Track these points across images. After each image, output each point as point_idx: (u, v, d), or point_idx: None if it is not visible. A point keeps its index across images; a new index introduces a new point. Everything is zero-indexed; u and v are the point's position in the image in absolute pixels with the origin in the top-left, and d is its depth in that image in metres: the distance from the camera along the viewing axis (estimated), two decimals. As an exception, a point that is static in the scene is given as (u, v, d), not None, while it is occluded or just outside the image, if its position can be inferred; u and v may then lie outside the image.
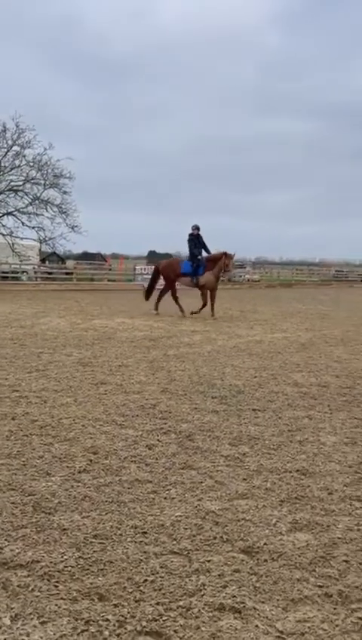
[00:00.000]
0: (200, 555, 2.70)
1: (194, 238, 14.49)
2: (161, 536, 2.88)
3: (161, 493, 3.42)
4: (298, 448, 4.30)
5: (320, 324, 13.18)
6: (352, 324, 13.26)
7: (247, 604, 2.32)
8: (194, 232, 14.46)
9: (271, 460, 4.02)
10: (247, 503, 3.30)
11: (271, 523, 3.06)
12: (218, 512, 3.17)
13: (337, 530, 2.99)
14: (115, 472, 3.72)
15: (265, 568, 2.60)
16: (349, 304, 20.56)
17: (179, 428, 4.71)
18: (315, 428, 4.85)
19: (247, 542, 2.84)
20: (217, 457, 4.05)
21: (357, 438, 4.58)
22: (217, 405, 5.50)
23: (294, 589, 2.44)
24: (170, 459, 3.99)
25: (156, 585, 2.45)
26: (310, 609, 2.31)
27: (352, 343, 10.06)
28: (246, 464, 3.93)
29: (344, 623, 2.21)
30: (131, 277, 29.78)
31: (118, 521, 3.03)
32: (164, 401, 5.60)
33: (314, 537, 2.91)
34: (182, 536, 2.88)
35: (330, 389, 6.34)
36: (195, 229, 14.46)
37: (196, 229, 14.45)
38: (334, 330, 12.05)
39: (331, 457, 4.12)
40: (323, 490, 3.51)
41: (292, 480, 3.66)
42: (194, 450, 4.18)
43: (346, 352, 9.02)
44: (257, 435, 4.58)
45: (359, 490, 3.54)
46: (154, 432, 4.58)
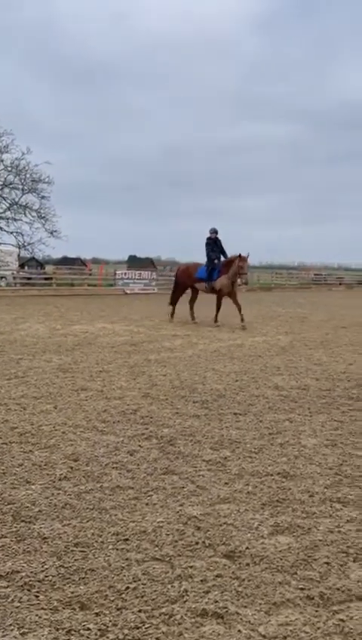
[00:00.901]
0: (183, 561, 2.69)
1: (211, 242, 13.77)
2: (143, 543, 2.86)
3: (143, 499, 3.40)
4: (279, 451, 4.32)
5: (300, 328, 13.29)
6: (331, 327, 13.40)
7: (230, 609, 2.32)
8: (212, 235, 13.74)
9: (252, 464, 4.03)
10: (229, 507, 3.30)
11: (252, 527, 3.06)
12: (200, 517, 3.17)
13: (318, 532, 3.01)
14: (96, 479, 3.69)
15: (247, 572, 2.61)
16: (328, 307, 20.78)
17: (160, 433, 4.70)
18: (296, 431, 4.88)
19: (229, 546, 2.84)
20: (199, 462, 4.05)
21: (337, 440, 4.62)
22: (198, 409, 5.50)
23: (276, 592, 2.45)
24: (152, 464, 3.98)
25: (138, 592, 2.44)
26: (292, 612, 2.31)
27: (331, 346, 10.16)
28: (227, 468, 3.94)
29: (325, 626, 2.23)
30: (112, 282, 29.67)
31: (100, 529, 3.00)
32: (145, 406, 5.58)
33: (295, 540, 2.93)
34: (164, 543, 2.87)
35: (310, 392, 6.39)
36: (213, 233, 13.75)
37: (214, 233, 13.73)
38: (313, 333, 12.16)
39: (311, 460, 4.15)
40: (304, 493, 3.53)
41: (273, 483, 3.68)
42: (176, 455, 4.17)
43: (325, 355, 9.10)
44: (238, 439, 4.59)
45: (339, 491, 3.57)
46: (135, 438, 4.56)
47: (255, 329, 12.66)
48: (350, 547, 2.86)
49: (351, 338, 11.41)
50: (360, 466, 4.02)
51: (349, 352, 9.41)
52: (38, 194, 31.71)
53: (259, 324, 13.76)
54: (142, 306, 19.51)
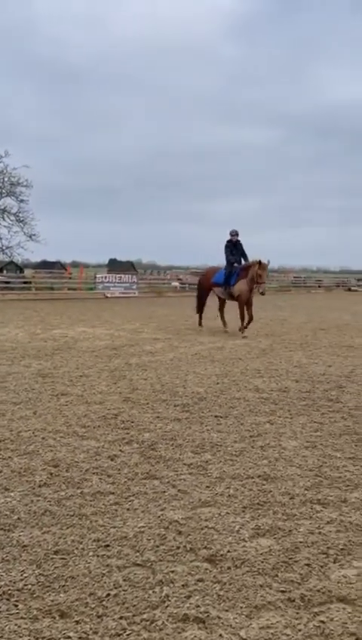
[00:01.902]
0: (164, 566, 2.68)
1: (231, 245, 12.77)
2: (124, 549, 2.85)
3: (124, 504, 3.38)
4: (259, 454, 4.34)
5: (280, 330, 13.39)
6: (310, 330, 13.52)
7: (211, 613, 2.31)
8: (232, 237, 12.75)
9: (233, 467, 4.04)
10: (210, 511, 3.30)
11: (234, 530, 3.07)
12: (181, 521, 3.16)
13: (299, 534, 3.03)
14: (77, 485, 3.66)
15: (229, 576, 2.61)
16: (307, 310, 20.96)
17: (141, 437, 4.68)
18: (276, 433, 4.90)
19: (211, 550, 2.84)
20: (180, 466, 4.04)
21: (317, 442, 4.66)
22: (180, 413, 5.49)
23: (257, 595, 2.45)
24: (133, 469, 3.96)
25: (119, 599, 2.42)
26: (273, 615, 2.32)
27: (311, 348, 10.24)
28: (209, 472, 3.94)
29: (306, 628, 2.24)
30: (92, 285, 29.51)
31: (80, 535, 2.98)
32: (126, 410, 5.55)
33: (276, 542, 2.94)
34: (146, 548, 2.86)
35: (290, 394, 6.43)
36: (234, 235, 12.75)
37: (235, 235, 12.73)
38: (293, 335, 12.25)
39: (292, 462, 4.17)
40: (284, 495, 3.54)
41: (254, 486, 3.69)
42: (157, 460, 4.16)
43: (305, 357, 9.18)
44: (219, 442, 4.59)
45: (319, 493, 3.59)
46: (116, 443, 4.53)
47: (235, 331, 12.70)
48: (330, 548, 2.88)
49: (330, 340, 11.52)
50: (340, 468, 4.06)
51: (328, 354, 9.50)
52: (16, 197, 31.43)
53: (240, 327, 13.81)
54: (123, 309, 19.45)
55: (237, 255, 12.75)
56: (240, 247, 12.80)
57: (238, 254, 12.78)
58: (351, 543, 2.93)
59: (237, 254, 12.77)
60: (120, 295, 28.05)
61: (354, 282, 47.57)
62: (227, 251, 12.80)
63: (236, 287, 12.46)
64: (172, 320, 15.36)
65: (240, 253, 12.81)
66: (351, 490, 3.65)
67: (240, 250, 12.81)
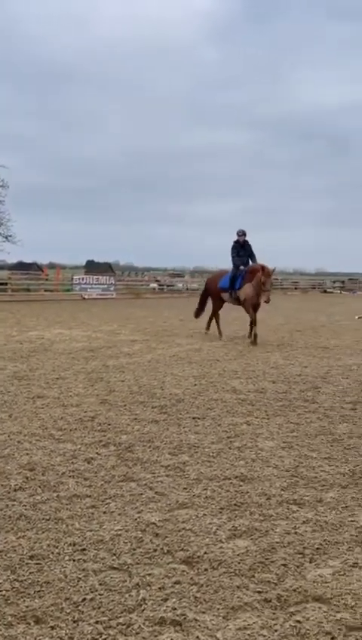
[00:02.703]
0: (141, 569, 2.67)
1: (238, 246, 11.76)
2: (101, 552, 2.82)
3: (101, 507, 3.36)
4: (237, 455, 4.35)
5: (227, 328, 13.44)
6: (287, 331, 13.63)
7: (188, 615, 2.31)
8: (239, 238, 11.75)
9: (210, 468, 4.04)
10: (188, 513, 3.29)
11: (211, 531, 3.07)
12: (158, 523, 3.15)
13: (275, 534, 3.04)
14: (53, 488, 3.62)
15: (206, 578, 2.60)
16: (284, 311, 21.13)
17: (118, 440, 4.65)
18: (253, 434, 4.92)
19: (188, 552, 2.83)
20: (157, 468, 4.03)
21: (294, 442, 4.69)
22: (157, 415, 5.48)
23: (234, 596, 2.45)
24: (110, 472, 3.93)
25: (95, 603, 2.40)
26: (250, 616, 2.32)
27: (287, 349, 10.33)
28: (186, 473, 3.93)
29: (283, 628, 2.24)
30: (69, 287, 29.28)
31: (56, 540, 2.94)
32: (103, 412, 5.52)
33: (253, 543, 2.94)
34: (122, 551, 2.84)
35: (267, 395, 6.47)
36: (241, 235, 11.73)
37: (242, 235, 11.73)
38: (270, 336, 12.33)
39: (269, 462, 4.19)
40: (261, 496, 3.56)
41: (231, 487, 3.70)
42: (134, 462, 4.14)
43: (282, 358, 9.25)
44: (197, 443, 4.59)
45: (296, 493, 3.62)
46: (93, 445, 4.50)
47: (213, 333, 12.73)
48: (306, 548, 2.90)
49: (306, 341, 11.64)
50: (316, 468, 4.10)
51: (304, 355, 9.59)
52: (-8, 198, 31.02)
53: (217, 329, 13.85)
54: (101, 311, 19.34)
55: (245, 257, 11.73)
56: (248, 249, 11.80)
57: (246, 256, 11.75)
58: (326, 543, 2.96)
59: (245, 256, 11.75)
60: (97, 297, 27.90)
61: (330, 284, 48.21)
62: (233, 253, 11.82)
63: (241, 290, 11.55)
64: (150, 322, 15.34)
65: (248, 255, 11.78)
66: (327, 490, 3.68)
67: (248, 252, 11.79)
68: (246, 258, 11.70)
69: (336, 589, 2.52)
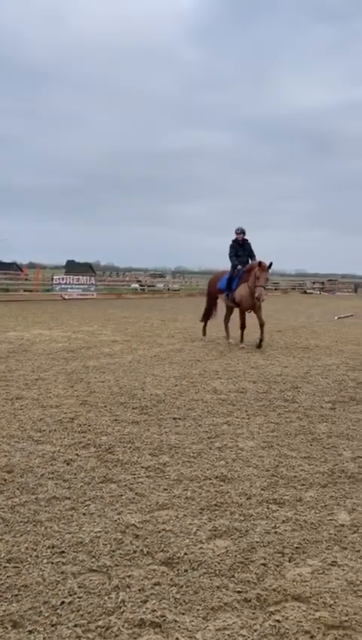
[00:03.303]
0: (120, 571, 2.65)
1: (236, 245, 11.10)
2: (80, 555, 2.79)
3: (80, 509, 3.33)
4: (217, 455, 4.35)
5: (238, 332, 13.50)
6: (267, 331, 13.68)
7: (168, 617, 2.30)
8: (238, 236, 11.08)
9: (191, 468, 4.04)
10: (168, 514, 3.28)
11: (191, 532, 3.06)
12: (138, 524, 3.13)
13: (255, 534, 3.05)
14: (31, 491, 3.57)
15: (186, 579, 2.60)
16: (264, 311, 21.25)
17: (98, 441, 4.62)
18: (234, 434, 4.93)
19: (168, 553, 2.82)
20: (138, 469, 4.01)
21: (274, 442, 4.72)
22: (138, 416, 5.46)
23: (214, 597, 2.45)
24: (89, 473, 3.90)
25: (74, 606, 2.37)
26: (229, 616, 2.32)
27: (267, 349, 10.39)
28: (166, 474, 3.92)
29: (262, 627, 2.25)
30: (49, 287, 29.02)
31: (34, 542, 2.91)
32: (83, 414, 5.47)
33: (233, 543, 2.95)
34: (102, 553, 2.81)
35: (248, 395, 6.50)
36: (239, 233, 11.06)
37: (241, 233, 11.04)
38: (250, 337, 12.38)
39: (249, 462, 4.21)
40: (241, 496, 3.57)
41: (211, 487, 3.70)
42: (114, 463, 4.11)
43: (261, 358, 9.30)
44: (177, 444, 4.58)
45: (276, 493, 3.63)
46: (72, 447, 4.46)
47: (194, 333, 12.75)
48: (286, 547, 2.91)
49: (286, 342, 11.72)
50: (296, 467, 4.12)
51: (284, 355, 9.66)
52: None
53: (199, 329, 13.87)
54: (81, 311, 19.21)
55: (244, 257, 11.04)
56: (247, 248, 11.13)
57: (245, 256, 11.07)
58: (305, 542, 2.98)
59: (244, 256, 11.07)
60: (78, 297, 27.71)
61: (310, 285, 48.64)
62: (231, 252, 11.16)
63: (237, 291, 10.92)
64: (131, 322, 15.29)
65: (247, 255, 11.09)
66: (306, 489, 3.71)
67: (247, 251, 11.11)
68: (245, 258, 11.05)
69: (315, 588, 2.54)
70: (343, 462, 4.27)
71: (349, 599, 2.46)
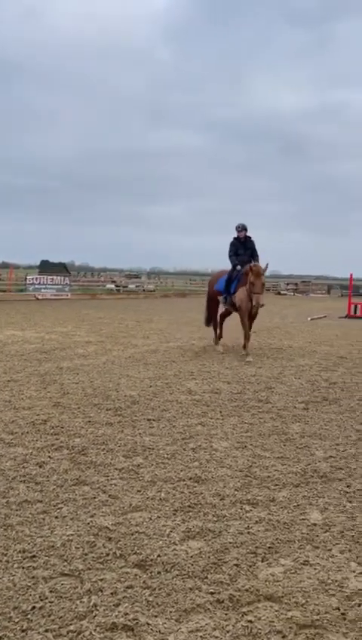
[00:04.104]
0: (93, 575, 2.62)
1: (237, 243, 10.15)
2: (51, 559, 2.76)
3: (52, 512, 3.28)
4: (191, 456, 4.35)
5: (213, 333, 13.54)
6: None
7: (140, 620, 2.28)
8: (239, 234, 10.11)
9: (165, 470, 4.02)
10: (141, 516, 3.27)
11: (164, 534, 3.05)
12: (111, 527, 3.11)
13: (228, 535, 3.05)
14: (2, 494, 3.51)
15: (158, 581, 2.58)
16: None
17: (71, 443, 4.57)
18: (208, 434, 4.94)
19: (141, 555, 2.81)
20: (111, 471, 3.98)
21: (247, 442, 4.74)
22: (112, 417, 5.42)
23: (187, 598, 2.45)
24: (62, 476, 3.86)
25: (45, 611, 2.34)
26: (202, 617, 2.32)
27: (242, 350, 10.43)
28: (140, 475, 3.90)
29: (235, 629, 2.25)
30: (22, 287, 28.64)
31: (4, 547, 2.85)
32: (56, 415, 5.41)
33: (206, 544, 2.95)
34: (74, 556, 2.78)
35: (222, 396, 6.52)
36: (240, 230, 10.08)
37: (242, 230, 10.08)
38: (225, 338, 12.43)
39: (223, 463, 4.22)
40: (215, 497, 3.57)
41: (185, 488, 3.69)
42: (88, 465, 4.07)
43: (236, 359, 9.34)
44: (151, 446, 4.57)
45: (249, 493, 3.65)
46: (45, 449, 4.40)
47: (169, 334, 12.75)
48: (258, 547, 2.92)
49: (260, 342, 11.81)
50: (269, 467, 4.15)
51: (258, 356, 9.72)
52: None
53: (174, 330, 13.88)
54: (55, 312, 19.01)
55: (245, 256, 10.00)
56: (249, 246, 10.12)
57: (247, 255, 10.03)
58: (278, 541, 2.99)
59: (245, 255, 10.03)
60: (51, 297, 27.41)
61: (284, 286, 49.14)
62: (231, 251, 10.17)
63: (236, 295, 9.95)
64: (105, 323, 15.19)
65: (249, 254, 10.05)
66: (279, 489, 3.73)
67: (249, 250, 10.09)
68: (246, 257, 9.95)
69: (287, 588, 2.55)
70: (315, 462, 4.31)
71: (321, 598, 2.48)
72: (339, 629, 2.27)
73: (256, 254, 10.07)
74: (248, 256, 10.00)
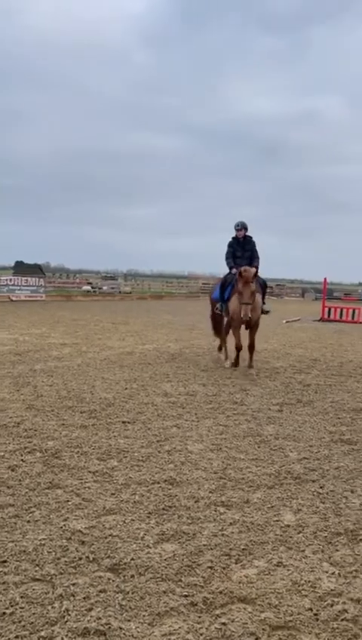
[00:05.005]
0: (65, 579, 2.58)
1: (234, 244, 8.92)
2: (23, 564, 2.71)
3: (24, 516, 3.23)
4: (166, 458, 4.33)
5: (189, 335, 13.57)
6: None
7: (113, 624, 2.25)
8: (238, 233, 8.87)
9: (139, 472, 4.00)
10: (115, 519, 3.24)
11: (138, 537, 3.03)
12: (84, 530, 3.07)
13: (202, 537, 3.05)
14: (-27, 499, 3.44)
15: (132, 584, 2.56)
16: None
17: (45, 446, 4.51)
18: (183, 437, 4.93)
19: (114, 559, 2.78)
20: (85, 474, 3.94)
21: (222, 444, 4.74)
22: (86, 420, 5.37)
23: (160, 602, 2.43)
24: (35, 479, 3.80)
25: (15, 617, 2.29)
26: (176, 621, 2.30)
27: (215, 352, 10.45)
28: (114, 478, 3.87)
29: (208, 631, 2.24)
30: (-4, 288, 28.19)
31: (-26, 552, 2.79)
32: (29, 418, 5.33)
33: (180, 547, 2.93)
34: (46, 561, 2.74)
35: (197, 398, 6.52)
36: (239, 229, 8.84)
37: (242, 229, 8.84)
38: (201, 340, 12.46)
39: (197, 465, 4.21)
40: (189, 499, 3.56)
41: (160, 491, 3.67)
42: (61, 468, 4.02)
43: (212, 361, 9.36)
44: (126, 448, 4.54)
45: (223, 495, 3.65)
46: (17, 452, 4.33)
47: (145, 336, 12.71)
48: (232, 549, 2.92)
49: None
50: (243, 469, 4.16)
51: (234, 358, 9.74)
52: None
53: (150, 332, 13.85)
54: (29, 313, 18.79)
55: (244, 259, 8.76)
56: (249, 247, 8.90)
57: (245, 258, 8.80)
58: (252, 543, 3.00)
59: (244, 257, 8.81)
60: (26, 298, 27.08)
61: (260, 289, 49.43)
62: (228, 253, 8.95)
63: (230, 303, 8.72)
64: (81, 325, 15.07)
65: (248, 256, 8.83)
66: (254, 491, 3.74)
67: (249, 251, 8.87)
68: (245, 260, 8.72)
69: (261, 589, 2.56)
70: (289, 463, 4.34)
71: (294, 599, 2.49)
72: (312, 629, 2.29)
73: (255, 256, 8.85)
74: (247, 258, 8.76)
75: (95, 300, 31.06)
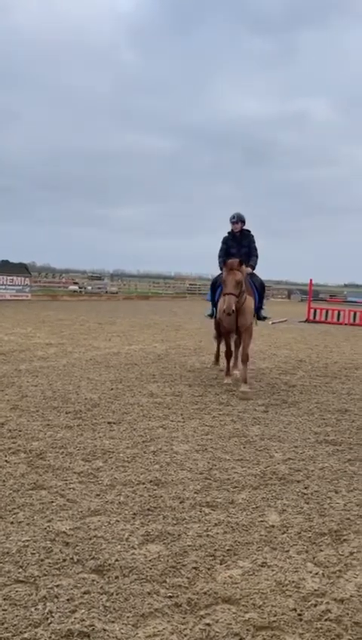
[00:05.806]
0: (48, 581, 2.56)
1: (229, 239, 7.85)
2: (6, 565, 2.68)
3: (8, 517, 3.20)
4: (151, 459, 4.33)
5: (175, 336, 13.57)
6: (204, 335, 13.85)
7: (97, 626, 2.24)
8: (234, 227, 7.80)
9: (125, 473, 3.98)
10: (100, 520, 3.22)
11: (123, 538, 3.01)
12: (69, 532, 3.05)
13: (187, 538, 3.04)
14: None
15: (116, 586, 2.55)
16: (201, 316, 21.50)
17: (29, 446, 4.47)
18: (169, 437, 4.93)
19: (98, 560, 2.76)
20: (70, 474, 3.91)
21: (208, 445, 4.75)
22: (71, 420, 5.34)
23: (145, 603, 2.42)
24: (19, 480, 3.77)
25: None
26: (160, 622, 2.30)
27: (204, 353, 10.48)
28: (99, 479, 3.85)
29: (192, 632, 2.24)
30: (-19, 287, 27.93)
31: None
32: (13, 419, 5.29)
33: (165, 548, 2.93)
34: (29, 563, 2.71)
35: (183, 398, 6.52)
36: (235, 222, 7.77)
37: (238, 221, 7.77)
38: (188, 341, 12.48)
39: (183, 465, 4.21)
40: (175, 500, 3.56)
41: (145, 491, 3.66)
42: (45, 469, 3.99)
43: (198, 362, 9.37)
44: (111, 449, 4.52)
45: (208, 496, 3.65)
46: (1, 453, 4.29)
47: (131, 337, 12.69)
48: (217, 550, 2.92)
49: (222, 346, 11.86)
50: (229, 470, 4.16)
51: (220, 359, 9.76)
52: None
53: (136, 333, 13.83)
54: (14, 313, 18.65)
55: (239, 256, 7.43)
56: (246, 243, 7.79)
57: (241, 254, 7.55)
58: (236, 544, 3.00)
59: (240, 254, 7.56)
60: (11, 298, 26.89)
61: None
62: (221, 250, 7.84)
63: (219, 304, 7.64)
64: (66, 324, 14.99)
65: (244, 252, 7.67)
66: (239, 492, 3.75)
67: (245, 247, 7.76)
68: (242, 256, 7.45)
69: (245, 590, 2.56)
70: (274, 464, 4.36)
71: (278, 599, 2.50)
72: (296, 629, 2.29)
73: (254, 254, 7.76)
74: (243, 255, 7.53)
75: (81, 300, 30.93)
